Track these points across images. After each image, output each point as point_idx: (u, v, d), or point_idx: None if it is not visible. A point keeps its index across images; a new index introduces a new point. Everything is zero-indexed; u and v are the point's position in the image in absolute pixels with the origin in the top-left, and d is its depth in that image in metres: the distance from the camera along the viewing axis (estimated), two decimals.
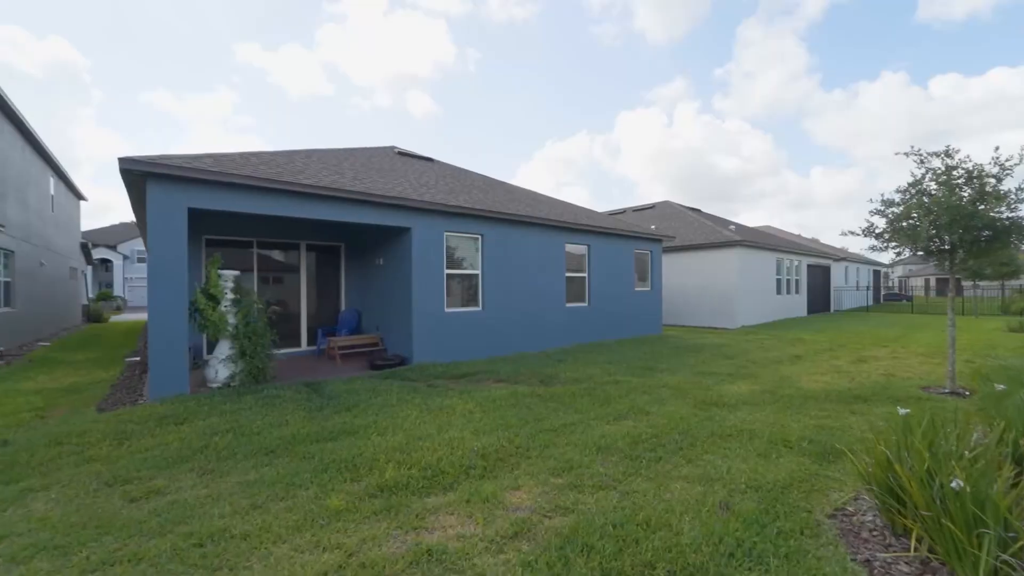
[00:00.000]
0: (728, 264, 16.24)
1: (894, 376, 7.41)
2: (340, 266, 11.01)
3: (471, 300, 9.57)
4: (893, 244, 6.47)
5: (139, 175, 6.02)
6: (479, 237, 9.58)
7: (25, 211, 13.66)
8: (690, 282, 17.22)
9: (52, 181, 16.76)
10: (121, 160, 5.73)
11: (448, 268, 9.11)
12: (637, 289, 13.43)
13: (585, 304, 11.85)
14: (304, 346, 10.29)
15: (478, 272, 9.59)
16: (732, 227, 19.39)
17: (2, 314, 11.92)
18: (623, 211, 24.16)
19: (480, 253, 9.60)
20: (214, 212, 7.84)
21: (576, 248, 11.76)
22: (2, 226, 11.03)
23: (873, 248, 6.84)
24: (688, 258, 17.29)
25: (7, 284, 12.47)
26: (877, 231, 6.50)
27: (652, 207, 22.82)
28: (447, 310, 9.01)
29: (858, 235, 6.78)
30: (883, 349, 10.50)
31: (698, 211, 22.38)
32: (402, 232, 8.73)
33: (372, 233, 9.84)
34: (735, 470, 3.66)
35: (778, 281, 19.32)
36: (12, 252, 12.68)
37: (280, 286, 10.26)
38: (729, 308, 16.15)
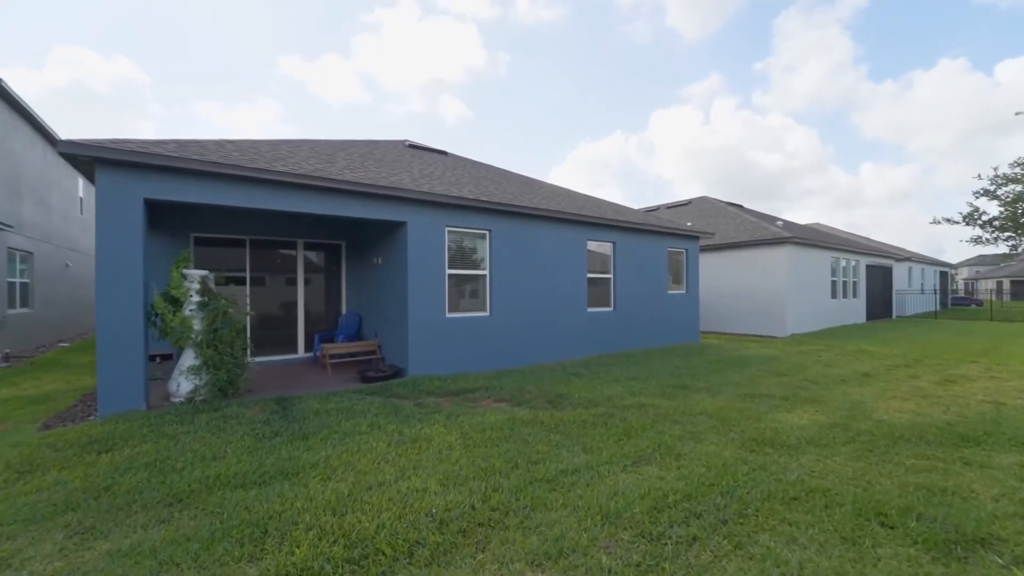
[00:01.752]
0: (776, 264, 14.49)
1: (1003, 404, 5.80)
2: (340, 266, 10.21)
3: (477, 304, 8.51)
4: (1009, 233, 4.93)
5: (86, 161, 5.30)
6: (487, 233, 8.51)
7: (46, 212, 13.67)
8: (731, 284, 15.54)
9: (81, 183, 16.94)
10: (61, 143, 5.01)
11: (450, 268, 8.09)
12: (670, 292, 12.01)
13: (610, 309, 10.56)
14: (301, 352, 9.53)
15: (485, 272, 8.52)
16: (779, 223, 17.52)
17: (19, 315, 11.83)
18: (656, 208, 22.55)
19: (488, 251, 8.53)
20: (201, 207, 7.13)
21: (600, 246, 10.51)
22: (9, 226, 10.88)
23: (977, 240, 5.31)
24: (729, 257, 15.62)
25: (24, 285, 12.42)
26: (986, 217, 4.98)
27: (688, 203, 21.12)
28: (448, 315, 7.98)
29: (956, 223, 5.28)
30: (973, 366, 8.69)
31: (740, 207, 20.52)
32: (398, 227, 7.78)
33: (372, 230, 8.96)
34: (812, 570, 2.41)
35: (833, 283, 17.28)
36: (31, 253, 12.65)
37: (275, 287, 9.54)
38: (777, 314, 14.40)
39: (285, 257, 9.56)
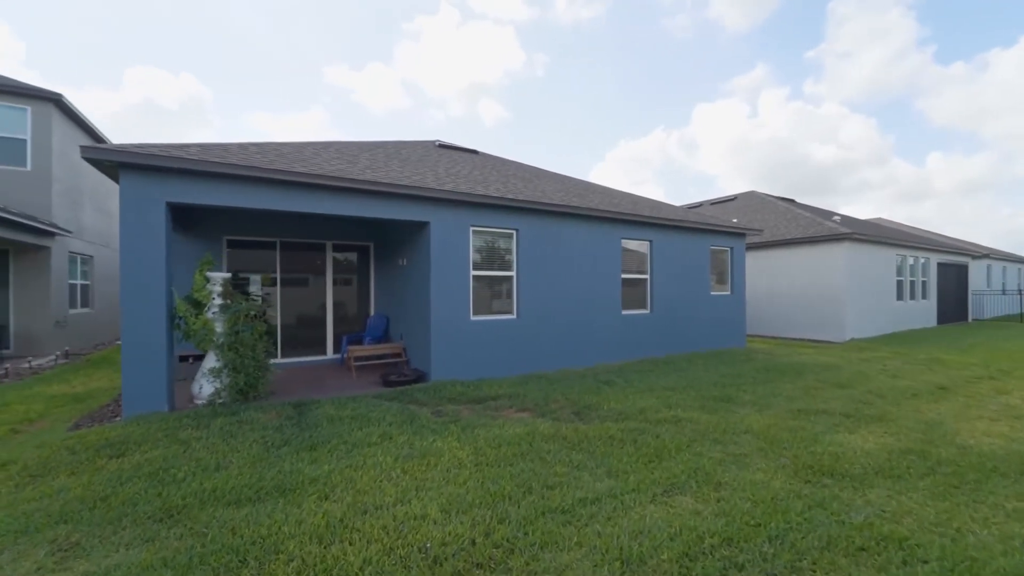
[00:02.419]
0: (834, 262, 13.27)
1: None
2: (369, 268, 10.15)
3: (503, 306, 8.16)
4: None
5: (110, 165, 5.36)
6: (514, 232, 8.14)
7: (105, 218, 14.51)
8: (782, 284, 14.41)
9: None
10: (84, 149, 5.08)
11: (475, 269, 7.78)
12: (714, 293, 11.20)
13: (646, 311, 9.93)
14: (330, 353, 9.53)
15: (512, 273, 8.15)
16: (837, 218, 16.12)
17: (80, 315, 12.59)
18: (699, 204, 21.43)
19: (515, 251, 8.16)
20: (231, 210, 7.22)
21: (636, 244, 9.90)
22: (70, 232, 11.56)
23: None
24: (780, 256, 14.49)
25: (85, 287, 13.22)
26: None
27: (733, 198, 19.91)
28: (473, 318, 7.68)
29: None
30: None
31: (791, 201, 19.11)
32: (421, 228, 7.55)
33: (398, 231, 8.80)
34: None
35: (899, 283, 15.72)
36: (91, 257, 13.47)
37: (305, 289, 9.59)
38: (835, 316, 13.19)
39: (314, 259, 9.59)
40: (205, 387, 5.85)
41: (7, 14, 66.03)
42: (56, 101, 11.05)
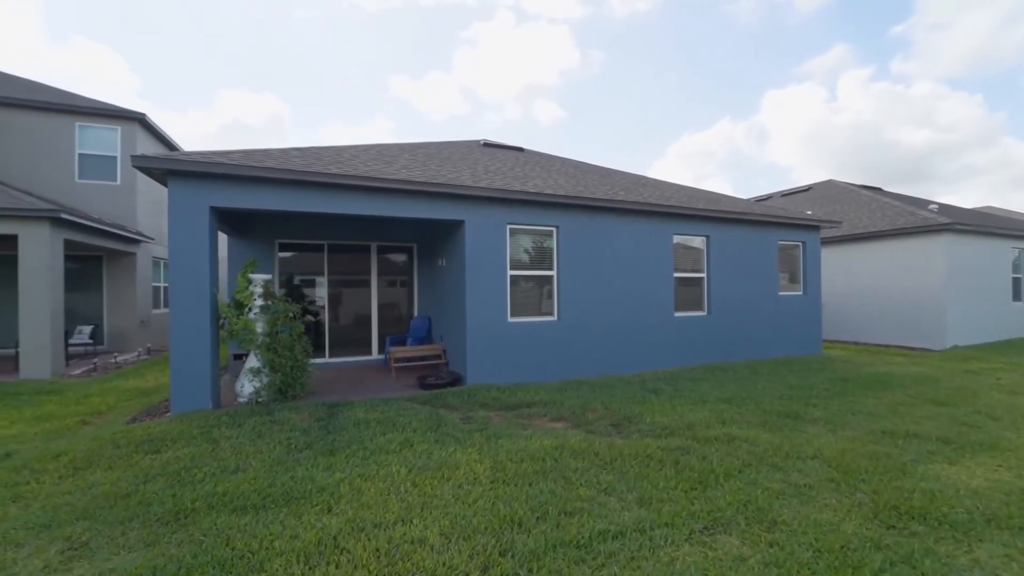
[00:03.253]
0: (931, 257, 11.54)
1: None
2: (412, 269, 10.17)
3: (543, 308, 7.78)
4: None
5: (160, 173, 5.65)
6: (554, 230, 7.75)
7: None
8: (865, 283, 12.77)
9: None
10: (135, 158, 5.37)
11: (513, 268, 7.48)
12: (782, 293, 10.09)
13: (703, 313, 9.12)
14: (375, 354, 9.64)
15: (552, 273, 7.76)
16: (934, 207, 14.07)
17: (161, 315, 13.79)
18: (768, 197, 19.72)
19: (555, 249, 7.76)
20: (281, 214, 7.50)
21: (690, 240, 9.13)
22: (152, 238, 12.69)
23: None
24: (863, 251, 12.87)
25: (166, 289, 14.49)
26: None
27: (808, 189, 18.08)
28: (511, 320, 7.37)
29: None
30: None
31: (877, 190, 17.01)
32: (458, 227, 7.37)
33: (439, 231, 8.71)
34: None
35: (1015, 281, 13.42)
36: None
37: (351, 290, 9.78)
38: (932, 319, 11.46)
39: (360, 260, 9.75)
40: (246, 386, 6.01)
41: (125, 52, 75.48)
42: (140, 120, 12.15)
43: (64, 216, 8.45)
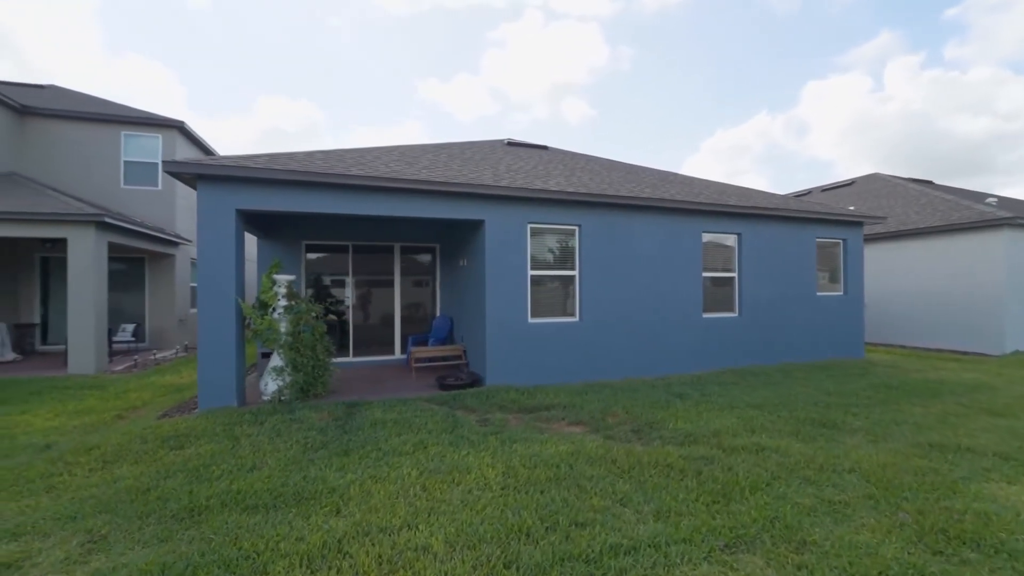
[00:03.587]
0: (988, 254, 10.69)
1: None
2: (435, 269, 10.20)
3: (565, 308, 7.63)
4: None
5: (190, 178, 5.83)
6: (576, 228, 7.58)
7: None
8: (913, 282, 11.97)
9: None
10: (166, 164, 5.56)
11: (534, 268, 7.36)
12: (821, 293, 9.57)
13: (734, 314, 8.74)
14: (398, 354, 9.71)
15: (574, 273, 7.59)
16: (992, 200, 13.06)
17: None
18: (807, 192, 18.84)
19: (577, 248, 7.59)
20: (307, 216, 7.65)
21: (720, 238, 8.77)
22: (190, 240, 13.23)
23: None
24: (911, 248, 12.06)
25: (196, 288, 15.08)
26: None
27: (850, 183, 17.15)
28: (531, 320, 7.26)
29: None
30: None
31: (927, 183, 15.94)
32: (478, 226, 7.31)
33: (460, 231, 8.69)
34: None
35: None
36: None
37: (375, 291, 9.89)
38: (991, 322, 10.61)
39: (383, 261, 9.85)
40: (270, 384, 6.14)
41: (174, 65, 79.85)
42: (180, 128, 12.70)
43: (107, 220, 8.90)
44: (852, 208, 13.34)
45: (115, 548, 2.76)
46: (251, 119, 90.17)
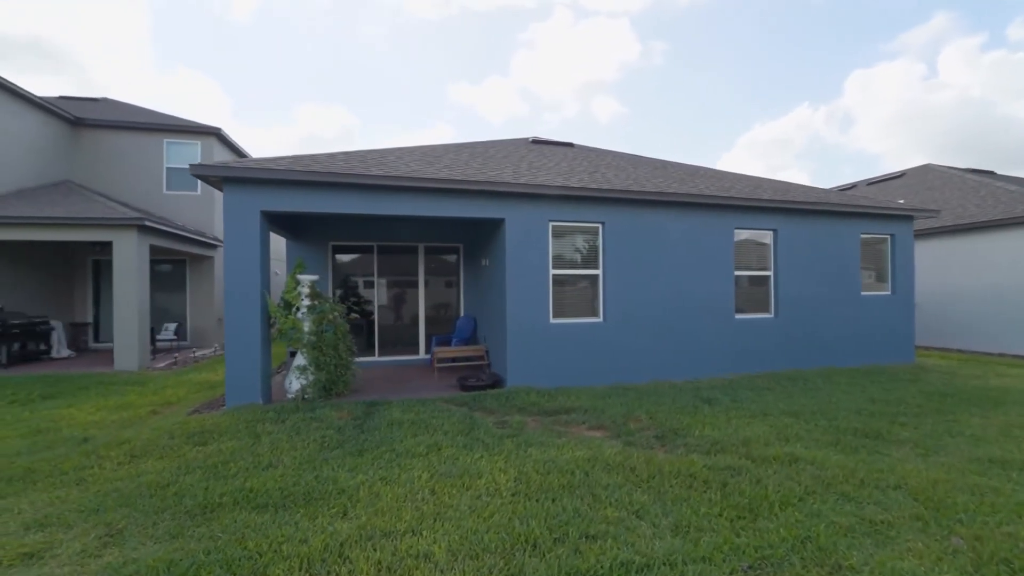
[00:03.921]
0: None
1: None
2: (459, 269, 10.18)
3: (588, 309, 7.42)
4: None
5: (216, 180, 6.00)
6: (599, 226, 7.37)
7: None
8: (971, 281, 11.05)
9: None
10: (193, 167, 5.74)
11: (555, 268, 7.20)
12: (866, 293, 8.96)
13: (769, 315, 8.29)
14: (422, 354, 9.75)
15: (597, 272, 7.38)
16: None
17: None
18: (851, 186, 17.80)
19: (601, 246, 7.38)
20: (333, 217, 7.80)
21: (754, 235, 8.34)
22: None
23: None
24: (968, 244, 11.15)
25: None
26: None
27: (900, 175, 16.06)
28: (553, 321, 7.10)
29: None
30: None
31: (989, 173, 14.73)
32: (498, 225, 7.22)
33: (483, 231, 8.63)
34: None
35: None
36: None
37: (399, 291, 9.97)
38: None
39: (408, 261, 9.91)
40: (294, 383, 6.24)
41: (219, 77, 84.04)
42: (216, 134, 13.22)
43: (147, 223, 9.33)
44: (901, 201, 12.47)
45: (129, 543, 2.81)
46: (292, 127, 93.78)
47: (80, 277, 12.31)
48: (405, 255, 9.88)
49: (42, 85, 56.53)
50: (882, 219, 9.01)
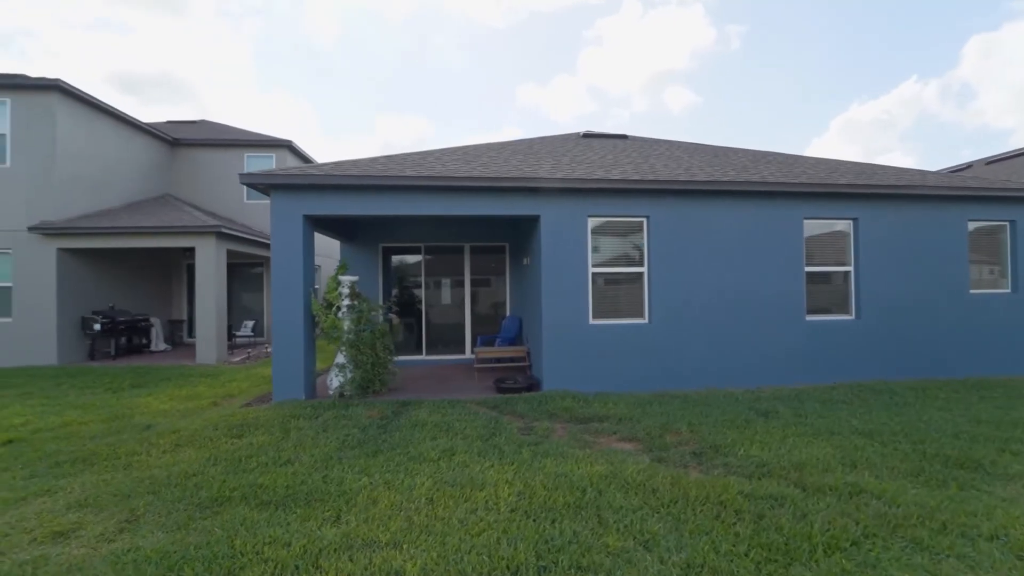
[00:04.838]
0: None
1: None
2: (505, 269, 10.05)
3: (632, 309, 6.93)
4: None
5: (264, 188, 6.35)
6: (644, 220, 6.85)
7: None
8: None
9: None
10: (241, 176, 6.12)
11: (595, 266, 6.80)
12: (976, 291, 7.53)
13: (849, 317, 7.23)
14: (467, 353, 9.74)
15: (642, 269, 6.87)
16: None
17: None
18: (967, 166, 15.25)
19: (646, 242, 6.86)
20: (383, 219, 8.07)
21: (830, 225, 7.32)
22: None
23: None
24: None
25: (315, 290, 16.79)
26: None
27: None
28: (593, 322, 6.71)
29: None
30: None
31: None
32: (535, 222, 6.97)
33: (527, 229, 8.41)
34: None
35: None
36: (319, 267, 17.06)
37: (446, 291, 10.05)
38: None
39: (454, 261, 9.96)
40: (334, 380, 6.46)
41: (308, 95, 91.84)
42: (288, 146, 14.26)
43: (224, 230, 10.23)
44: None
45: (141, 530, 2.96)
46: (372, 137, 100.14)
47: (177, 279, 13.85)
48: (452, 255, 9.94)
49: (162, 113, 65.43)
50: (998, 202, 7.51)
